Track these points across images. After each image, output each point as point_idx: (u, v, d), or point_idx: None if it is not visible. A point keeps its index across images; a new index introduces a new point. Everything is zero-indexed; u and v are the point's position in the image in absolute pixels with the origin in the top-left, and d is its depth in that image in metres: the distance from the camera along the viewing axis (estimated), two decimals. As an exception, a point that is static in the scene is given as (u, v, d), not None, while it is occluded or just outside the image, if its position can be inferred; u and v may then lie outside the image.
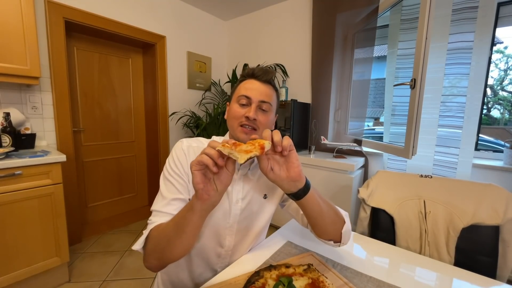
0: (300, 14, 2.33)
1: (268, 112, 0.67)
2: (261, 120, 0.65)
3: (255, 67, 0.69)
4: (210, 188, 0.48)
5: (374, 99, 2.89)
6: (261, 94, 0.65)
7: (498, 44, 2.01)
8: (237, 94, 0.68)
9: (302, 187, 0.53)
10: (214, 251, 0.70)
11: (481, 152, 1.66)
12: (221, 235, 0.69)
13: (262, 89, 0.66)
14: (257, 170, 0.71)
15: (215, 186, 0.49)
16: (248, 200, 0.69)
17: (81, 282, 1.57)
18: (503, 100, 3.23)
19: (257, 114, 0.64)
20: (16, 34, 1.38)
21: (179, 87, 2.59)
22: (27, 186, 1.31)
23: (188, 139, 0.71)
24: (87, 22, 1.88)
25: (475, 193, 0.87)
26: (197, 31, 2.69)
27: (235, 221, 0.69)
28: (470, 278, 0.63)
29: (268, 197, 0.73)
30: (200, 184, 0.47)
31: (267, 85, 0.68)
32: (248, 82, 0.68)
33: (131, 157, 2.59)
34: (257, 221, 0.72)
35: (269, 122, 0.67)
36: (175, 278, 0.74)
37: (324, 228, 0.61)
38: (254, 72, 0.68)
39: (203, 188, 0.47)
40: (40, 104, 1.74)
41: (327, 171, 1.79)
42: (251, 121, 0.64)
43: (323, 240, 0.64)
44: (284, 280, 0.52)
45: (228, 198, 0.67)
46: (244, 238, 0.72)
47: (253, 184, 0.71)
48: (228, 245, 0.69)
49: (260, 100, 0.65)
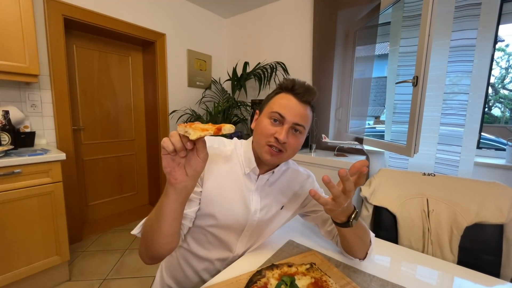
0: (301, 11, 2.31)
1: (300, 135, 0.62)
2: (290, 143, 0.60)
3: (296, 81, 0.61)
4: (178, 172, 0.47)
5: (375, 98, 2.87)
6: (297, 115, 0.59)
7: (499, 42, 2.00)
8: (270, 108, 0.62)
9: (353, 216, 0.55)
10: (221, 254, 0.69)
11: (483, 150, 1.65)
12: (231, 240, 0.68)
13: (299, 109, 0.60)
14: (277, 180, 0.70)
15: (184, 170, 0.47)
16: (266, 211, 0.68)
17: (81, 280, 1.57)
18: (504, 99, 3.20)
19: (288, 136, 0.59)
20: (14, 32, 1.37)
21: (179, 85, 2.58)
22: (26, 184, 1.30)
23: (212, 138, 0.68)
24: (86, 19, 1.87)
25: (479, 191, 0.86)
26: (197, 29, 2.68)
27: (249, 230, 0.68)
28: (473, 277, 0.63)
29: (284, 208, 0.72)
30: (167, 168, 0.46)
31: (305, 106, 0.61)
32: (285, 97, 0.61)
33: (131, 156, 2.58)
34: (269, 229, 0.72)
35: (298, 146, 0.63)
36: (179, 276, 0.73)
37: (356, 249, 0.63)
38: (295, 87, 0.61)
39: (169, 172, 0.46)
40: (40, 102, 1.73)
41: (328, 170, 1.78)
42: (280, 144, 0.59)
43: (348, 255, 0.66)
44: (287, 280, 0.51)
45: (247, 207, 0.66)
46: (253, 245, 0.72)
47: (273, 195, 0.70)
48: (237, 251, 0.69)
49: (294, 122, 0.59)
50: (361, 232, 0.61)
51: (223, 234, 0.66)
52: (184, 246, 0.71)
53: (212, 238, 0.67)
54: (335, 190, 0.49)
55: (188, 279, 0.72)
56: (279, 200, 0.70)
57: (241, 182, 0.66)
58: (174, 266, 0.74)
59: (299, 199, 0.73)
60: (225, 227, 0.65)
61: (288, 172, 0.73)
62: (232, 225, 0.66)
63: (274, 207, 0.69)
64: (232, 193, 0.65)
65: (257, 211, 0.67)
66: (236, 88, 2.54)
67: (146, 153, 2.69)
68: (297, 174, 0.75)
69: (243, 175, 0.66)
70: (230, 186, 0.65)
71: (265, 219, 0.68)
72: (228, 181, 0.65)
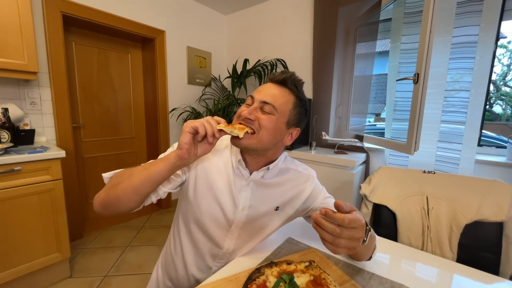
0: (302, 8, 2.29)
1: (272, 116, 0.59)
2: (261, 121, 0.58)
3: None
4: (192, 150, 0.55)
5: (376, 95, 2.86)
6: (267, 95, 0.60)
7: (501, 39, 1.98)
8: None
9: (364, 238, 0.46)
10: (211, 250, 0.69)
11: (484, 148, 1.65)
12: (220, 236, 0.68)
13: (271, 90, 0.61)
14: (271, 180, 0.68)
15: (196, 150, 0.56)
16: (256, 209, 0.67)
17: (82, 277, 1.58)
18: (506, 96, 3.19)
19: (256, 113, 0.59)
20: (13, 29, 1.36)
21: (179, 82, 2.57)
22: (26, 182, 1.30)
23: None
24: (85, 16, 1.86)
25: (479, 189, 0.86)
26: (197, 26, 2.66)
27: (237, 226, 0.68)
28: (473, 275, 0.62)
29: (280, 209, 0.70)
30: (186, 144, 0.53)
31: (280, 87, 0.61)
32: (264, 85, 0.65)
33: (131, 153, 2.58)
34: (262, 231, 0.71)
35: (272, 126, 0.59)
36: (173, 274, 0.74)
37: (363, 256, 0.61)
38: (273, 75, 0.64)
39: (187, 148, 0.54)
40: (39, 100, 1.72)
41: (328, 167, 1.78)
42: (245, 120, 0.59)
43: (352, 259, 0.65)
44: (286, 277, 0.51)
45: (234, 203, 0.66)
46: (245, 244, 0.71)
47: (265, 195, 0.68)
48: (227, 247, 0.69)
49: (262, 101, 0.59)
50: (371, 242, 0.57)
51: (211, 228, 0.67)
52: (177, 243, 0.72)
53: (201, 233, 0.68)
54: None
55: (182, 277, 0.72)
56: (274, 200, 0.69)
57: (231, 177, 0.66)
58: (168, 264, 0.75)
59: (298, 202, 0.71)
60: (212, 220, 0.66)
61: (288, 173, 0.71)
62: (219, 219, 0.66)
63: (266, 206, 0.68)
64: (220, 187, 0.65)
65: (245, 208, 0.66)
66: (236, 86, 2.53)
67: (146, 150, 2.69)
68: (297, 175, 0.72)
69: (233, 170, 0.67)
70: (220, 180, 0.66)
71: (255, 217, 0.68)
72: (217, 175, 0.66)
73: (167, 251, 0.77)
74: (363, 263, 0.65)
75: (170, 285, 0.75)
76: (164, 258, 0.77)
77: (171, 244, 0.75)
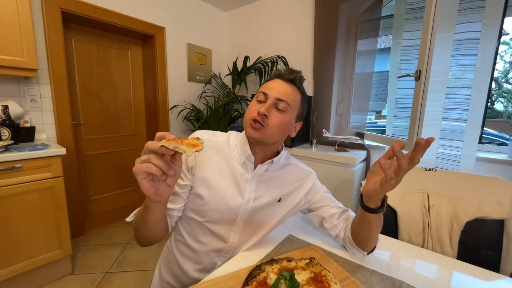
0: (302, 4, 2.27)
1: (284, 113, 0.63)
2: (273, 118, 0.62)
3: (284, 69, 0.68)
4: (161, 188, 0.47)
5: (377, 92, 2.85)
6: (280, 92, 0.63)
7: (504, 36, 1.96)
8: (258, 92, 0.67)
9: (384, 201, 0.57)
10: (216, 245, 0.69)
11: (485, 145, 1.64)
12: (224, 230, 0.68)
13: (282, 87, 0.64)
14: (274, 173, 0.70)
15: (166, 183, 0.47)
16: (261, 201, 0.68)
17: (84, 274, 1.59)
18: (508, 93, 3.16)
19: (270, 111, 0.62)
20: (12, 25, 1.35)
21: (179, 79, 2.56)
22: (27, 179, 1.31)
23: (202, 132, 0.71)
24: (84, 12, 1.84)
25: (480, 186, 0.86)
26: (197, 22, 2.64)
27: (243, 219, 0.68)
28: (473, 272, 0.63)
29: (282, 201, 0.71)
30: (150, 190, 0.45)
31: (290, 85, 0.65)
32: (272, 81, 0.66)
33: (132, 151, 2.58)
34: (266, 223, 0.72)
35: (282, 124, 0.63)
36: (176, 271, 0.74)
37: (369, 240, 0.63)
38: (280, 72, 0.67)
39: (154, 192, 0.46)
40: (39, 97, 1.72)
41: (329, 165, 1.78)
42: (261, 116, 0.61)
43: (356, 249, 0.65)
44: (286, 274, 0.51)
45: (240, 196, 0.66)
46: (250, 238, 0.71)
47: (269, 186, 0.69)
48: (232, 241, 0.69)
49: (276, 98, 0.62)
50: (381, 221, 0.61)
51: (216, 223, 0.67)
52: (180, 240, 0.72)
53: (205, 228, 0.68)
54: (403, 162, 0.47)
55: (185, 274, 0.72)
56: (277, 192, 0.70)
57: (235, 171, 0.67)
58: (171, 261, 0.75)
59: (299, 195, 0.73)
60: (217, 215, 0.66)
61: (289, 167, 0.74)
62: (224, 214, 0.66)
63: (270, 197, 0.69)
64: (225, 182, 0.66)
65: (251, 200, 0.67)
66: (236, 83, 2.52)
67: (147, 148, 2.69)
68: (299, 171, 0.75)
69: (238, 164, 0.67)
70: (223, 175, 0.66)
71: (259, 209, 0.68)
72: (220, 171, 0.66)
73: (169, 248, 0.77)
74: (363, 259, 0.65)
75: (172, 282, 0.75)
76: (166, 257, 0.77)
77: (173, 241, 0.75)
